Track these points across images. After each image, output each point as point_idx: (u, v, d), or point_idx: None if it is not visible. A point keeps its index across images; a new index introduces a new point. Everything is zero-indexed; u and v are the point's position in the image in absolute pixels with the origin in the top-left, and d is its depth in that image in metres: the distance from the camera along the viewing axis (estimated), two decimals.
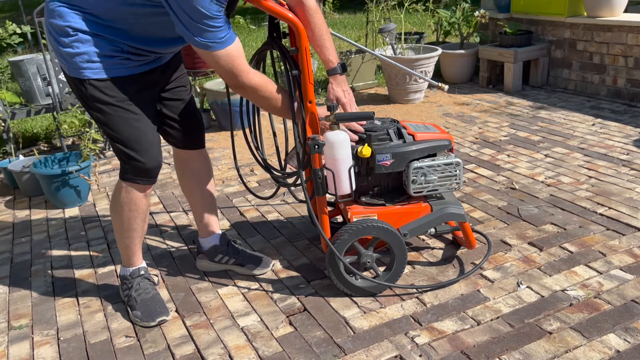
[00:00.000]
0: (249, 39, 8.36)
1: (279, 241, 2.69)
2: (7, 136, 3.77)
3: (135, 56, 1.94)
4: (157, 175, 2.09)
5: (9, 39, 3.77)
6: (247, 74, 1.90)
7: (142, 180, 2.05)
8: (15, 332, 2.16)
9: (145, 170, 2.03)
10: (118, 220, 2.12)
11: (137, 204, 2.08)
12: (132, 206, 2.08)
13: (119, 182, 2.08)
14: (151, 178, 2.07)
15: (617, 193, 2.92)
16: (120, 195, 2.07)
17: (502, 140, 3.85)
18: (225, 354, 1.95)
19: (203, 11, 1.70)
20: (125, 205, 2.07)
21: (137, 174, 2.03)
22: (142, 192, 2.08)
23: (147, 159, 2.01)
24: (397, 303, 2.15)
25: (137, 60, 1.95)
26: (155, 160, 2.04)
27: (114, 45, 1.88)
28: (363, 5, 5.92)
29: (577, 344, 1.87)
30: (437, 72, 5.40)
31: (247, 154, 3.75)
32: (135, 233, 2.15)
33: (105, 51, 1.88)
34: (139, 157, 2.00)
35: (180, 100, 2.20)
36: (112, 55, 1.89)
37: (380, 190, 2.28)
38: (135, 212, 2.09)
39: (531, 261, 2.37)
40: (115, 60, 1.90)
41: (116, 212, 2.11)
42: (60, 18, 1.84)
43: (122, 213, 2.09)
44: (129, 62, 1.93)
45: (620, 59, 4.48)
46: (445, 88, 2.90)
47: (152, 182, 2.09)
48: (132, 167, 2.02)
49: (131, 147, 1.98)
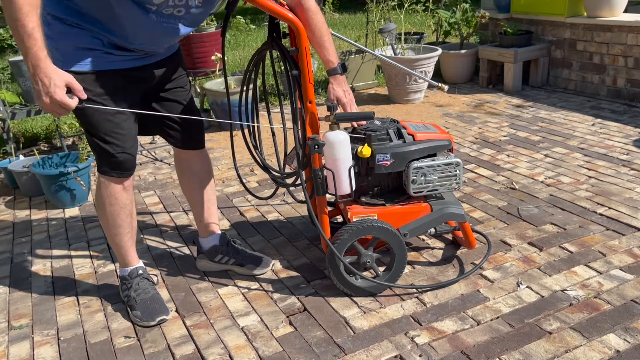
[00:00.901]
0: (249, 39, 8.36)
1: (279, 241, 2.69)
2: (7, 136, 3.77)
3: (117, 51, 1.90)
4: (132, 168, 2.08)
5: (9, 39, 3.77)
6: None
7: (116, 173, 2.04)
8: (15, 332, 2.16)
9: (118, 163, 2.02)
10: (103, 218, 2.13)
11: (117, 198, 2.07)
12: (112, 200, 2.07)
13: (98, 177, 2.08)
14: (126, 171, 2.06)
15: (617, 193, 2.92)
16: (100, 190, 2.08)
17: (502, 140, 3.85)
18: (225, 354, 1.95)
19: None
20: (105, 199, 2.07)
21: (111, 167, 2.03)
22: (120, 185, 2.07)
23: (119, 152, 2.00)
24: (397, 303, 2.15)
25: (120, 55, 1.92)
26: (127, 154, 2.03)
27: (95, 37, 1.85)
28: (363, 6, 5.92)
29: (577, 344, 1.87)
30: (437, 72, 5.40)
31: (246, 154, 3.75)
32: (122, 230, 2.14)
33: (86, 44, 1.84)
34: (112, 150, 1.99)
35: (178, 101, 2.20)
36: (92, 48, 1.86)
37: (380, 190, 2.28)
38: (116, 206, 2.08)
39: (531, 261, 2.38)
40: (97, 54, 1.87)
41: (100, 209, 2.12)
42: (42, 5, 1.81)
43: (105, 209, 2.09)
44: (111, 56, 1.90)
45: (620, 59, 4.48)
46: (445, 88, 2.90)
47: (128, 175, 2.08)
48: (106, 160, 2.02)
49: (105, 140, 1.97)
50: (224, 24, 2.25)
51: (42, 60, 1.64)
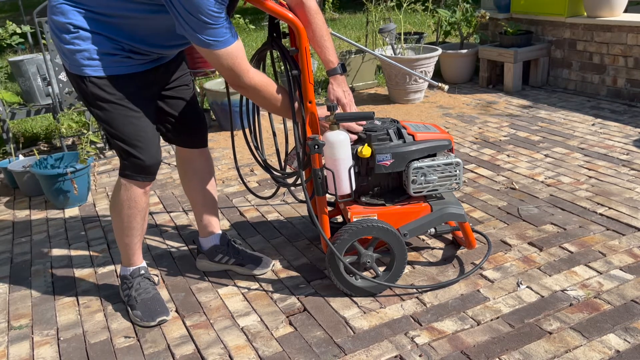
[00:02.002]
0: (249, 39, 8.36)
1: (279, 241, 2.69)
2: (7, 136, 3.77)
3: (136, 55, 1.94)
4: (156, 172, 2.10)
5: (9, 39, 3.77)
6: (248, 73, 1.91)
7: (141, 177, 2.05)
8: (15, 332, 2.16)
9: (145, 167, 2.04)
10: (118, 219, 2.13)
11: (137, 202, 2.08)
12: (131, 203, 2.08)
13: (119, 180, 2.08)
14: (150, 175, 2.08)
15: (617, 193, 2.92)
16: (120, 193, 2.08)
17: (502, 140, 3.85)
18: (225, 354, 1.95)
19: (203, 7, 1.71)
20: (125, 202, 2.08)
21: (136, 170, 2.04)
22: (142, 189, 2.08)
23: (146, 156, 2.02)
24: (397, 303, 2.15)
25: (138, 59, 1.95)
26: (154, 158, 2.05)
27: (115, 43, 1.89)
28: (363, 6, 5.92)
29: (577, 344, 1.87)
30: (437, 72, 5.40)
31: (247, 154, 3.75)
32: (135, 232, 2.15)
33: (106, 49, 1.88)
34: (138, 154, 2.01)
35: (182, 99, 2.21)
36: (112, 53, 1.90)
37: (380, 190, 2.28)
38: (134, 209, 2.09)
39: (531, 261, 2.37)
40: (116, 59, 1.91)
41: (116, 210, 2.12)
42: (62, 15, 1.85)
43: (122, 211, 2.10)
44: (130, 60, 1.94)
45: (620, 59, 4.48)
46: (445, 88, 2.90)
47: (152, 179, 2.09)
48: (131, 164, 2.03)
49: (130, 144, 1.99)
50: None
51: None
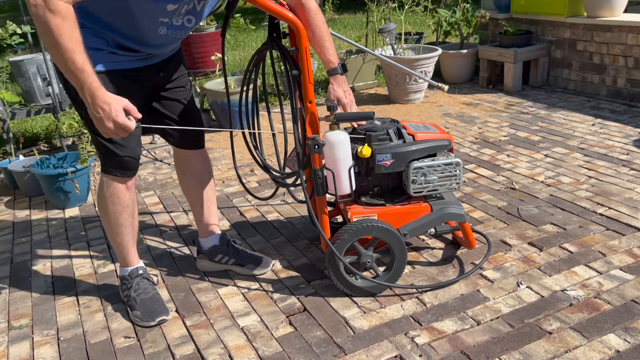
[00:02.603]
0: (249, 39, 8.36)
1: (279, 241, 2.69)
2: (8, 136, 3.77)
3: (122, 51, 1.92)
4: (136, 168, 2.10)
5: (9, 39, 3.77)
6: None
7: (120, 172, 2.05)
8: (15, 332, 2.16)
9: (122, 162, 2.03)
10: (105, 217, 2.13)
11: (120, 197, 2.08)
12: (115, 199, 2.08)
13: (101, 176, 2.09)
14: (129, 170, 2.07)
15: (617, 193, 2.92)
16: (103, 189, 2.08)
17: (502, 140, 3.85)
18: (225, 354, 1.95)
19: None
20: (108, 199, 2.08)
21: (114, 166, 2.04)
22: (123, 184, 2.08)
23: (124, 152, 2.02)
24: (397, 303, 2.15)
25: (124, 55, 1.93)
26: (133, 153, 2.04)
27: (99, 37, 1.87)
28: (363, 6, 5.92)
29: (577, 344, 1.87)
30: (437, 72, 5.40)
31: (246, 154, 3.75)
32: (125, 229, 2.14)
33: (90, 43, 1.83)
34: (116, 150, 2.00)
35: (179, 100, 2.20)
36: (97, 47, 1.87)
37: (380, 190, 2.28)
38: (119, 205, 2.09)
39: (531, 261, 2.37)
40: (103, 54, 1.89)
41: (102, 208, 2.12)
42: None
43: (107, 208, 2.10)
44: (115, 56, 1.92)
45: (620, 59, 4.48)
46: (445, 88, 2.90)
47: (132, 174, 2.09)
48: (110, 160, 2.03)
49: (109, 140, 1.97)
50: (224, 24, 2.26)
51: (98, 90, 1.68)
